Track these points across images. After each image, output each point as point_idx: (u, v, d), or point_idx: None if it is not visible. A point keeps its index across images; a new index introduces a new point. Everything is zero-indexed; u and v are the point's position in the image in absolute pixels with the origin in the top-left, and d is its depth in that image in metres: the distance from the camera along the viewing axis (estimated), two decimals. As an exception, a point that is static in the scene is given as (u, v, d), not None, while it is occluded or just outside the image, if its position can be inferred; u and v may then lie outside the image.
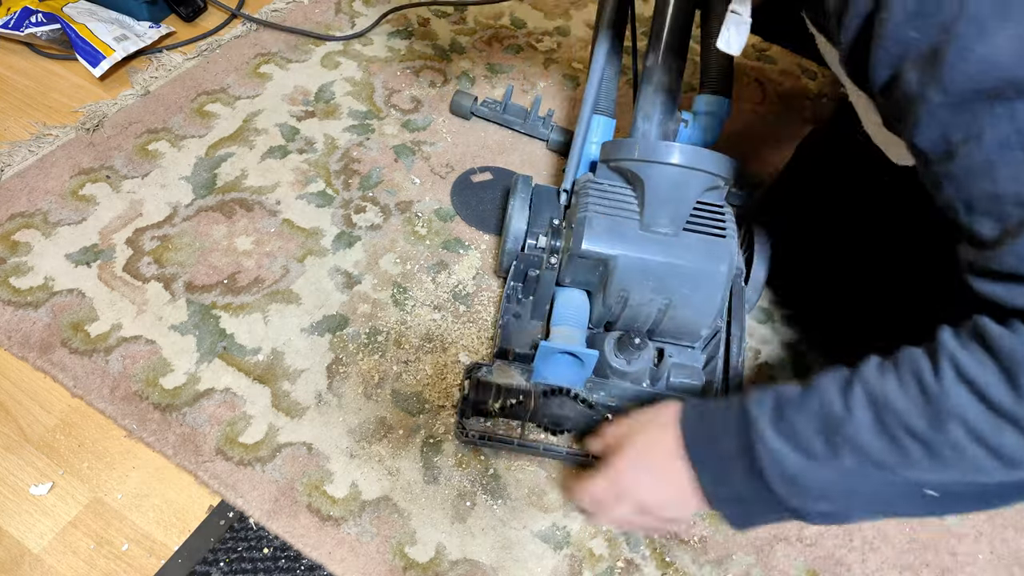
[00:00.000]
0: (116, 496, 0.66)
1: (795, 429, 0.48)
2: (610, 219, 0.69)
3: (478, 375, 0.69)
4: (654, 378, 0.72)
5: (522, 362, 0.71)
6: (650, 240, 0.68)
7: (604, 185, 0.72)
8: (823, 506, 0.48)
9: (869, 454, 0.45)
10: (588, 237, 0.68)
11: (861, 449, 0.45)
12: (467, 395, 0.68)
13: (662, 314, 0.69)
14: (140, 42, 1.01)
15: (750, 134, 1.09)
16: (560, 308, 0.74)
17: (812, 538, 0.70)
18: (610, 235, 0.68)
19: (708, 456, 0.52)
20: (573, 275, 0.72)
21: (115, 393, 0.70)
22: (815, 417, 0.47)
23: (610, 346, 0.71)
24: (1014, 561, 0.71)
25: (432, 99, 1.05)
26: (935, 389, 0.43)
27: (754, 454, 0.48)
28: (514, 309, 0.77)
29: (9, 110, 0.95)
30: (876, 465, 0.45)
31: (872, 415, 0.45)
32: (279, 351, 0.76)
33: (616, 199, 0.70)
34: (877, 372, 0.46)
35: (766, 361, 0.83)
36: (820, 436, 0.46)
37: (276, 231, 0.86)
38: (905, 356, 0.46)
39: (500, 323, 0.75)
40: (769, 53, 1.23)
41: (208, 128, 0.95)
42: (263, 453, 0.68)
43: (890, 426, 0.44)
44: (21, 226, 0.82)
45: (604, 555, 0.67)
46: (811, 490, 0.47)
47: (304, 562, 0.63)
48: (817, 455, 0.46)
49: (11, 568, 0.61)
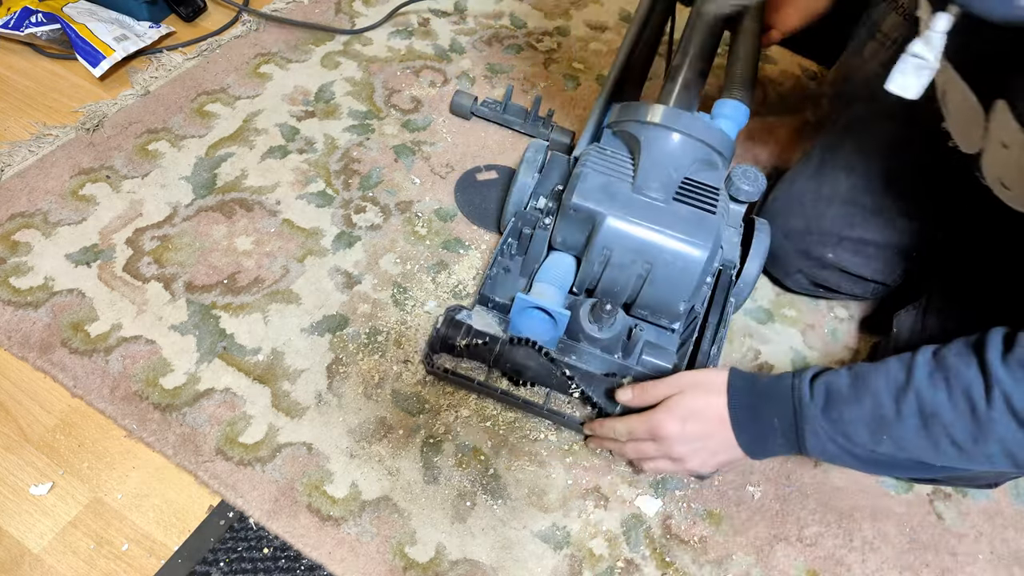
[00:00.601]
0: (116, 496, 0.66)
1: (844, 420, 0.56)
2: (604, 178, 0.71)
3: (454, 314, 0.71)
4: (626, 351, 0.73)
5: (501, 312, 0.74)
6: (640, 203, 0.69)
7: (606, 151, 0.74)
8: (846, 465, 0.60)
9: (907, 449, 0.54)
10: (580, 191, 0.70)
11: (901, 444, 0.54)
12: (439, 328, 0.70)
13: (641, 281, 0.70)
14: (140, 42, 1.01)
15: (750, 134, 1.09)
16: (546, 268, 0.76)
17: (812, 538, 0.70)
18: (601, 192, 0.70)
19: (753, 426, 0.61)
20: (564, 234, 0.73)
21: (115, 393, 0.70)
22: (866, 414, 0.55)
23: (584, 310, 0.72)
24: (1014, 561, 0.71)
25: (432, 99, 1.05)
26: (984, 415, 0.49)
27: (801, 435, 0.58)
28: (505, 263, 0.79)
29: (9, 110, 0.95)
30: (909, 455, 0.54)
31: (920, 422, 0.53)
32: (279, 351, 0.76)
33: (614, 162, 0.73)
34: (929, 383, 0.53)
35: (766, 361, 0.83)
36: (867, 430, 0.55)
37: (276, 231, 0.86)
38: (957, 371, 0.52)
39: (488, 272, 0.77)
40: (769, 53, 1.23)
41: (208, 128, 0.95)
42: (263, 453, 0.68)
43: (935, 433, 0.52)
44: (21, 226, 0.82)
45: (604, 555, 0.67)
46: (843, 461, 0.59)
47: (304, 562, 0.63)
48: (859, 444, 0.56)
49: (11, 568, 0.61)
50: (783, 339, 0.85)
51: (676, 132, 0.70)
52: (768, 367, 0.82)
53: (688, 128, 0.70)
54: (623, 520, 0.69)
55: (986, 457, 0.51)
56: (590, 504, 0.70)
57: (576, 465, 0.72)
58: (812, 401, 0.57)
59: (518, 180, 0.80)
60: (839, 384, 0.57)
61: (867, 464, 0.60)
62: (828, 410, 0.57)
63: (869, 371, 0.57)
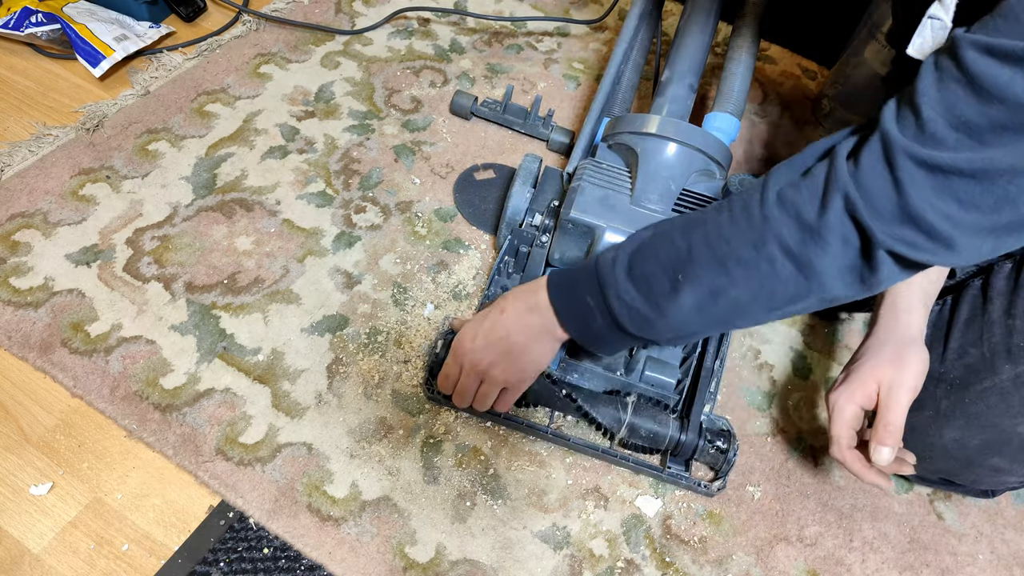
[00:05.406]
0: (116, 496, 0.66)
1: (645, 275, 0.54)
2: (602, 191, 0.71)
3: (452, 337, 0.70)
4: (628, 368, 0.72)
5: None
6: (639, 215, 0.69)
7: (602, 164, 0.74)
8: (669, 334, 0.56)
9: (701, 283, 0.52)
10: (578, 205, 0.69)
11: (695, 279, 0.52)
12: (438, 353, 0.70)
13: None
14: (140, 42, 1.01)
15: (750, 135, 1.09)
16: None
17: (812, 538, 0.70)
18: (600, 206, 0.70)
19: (571, 306, 0.59)
20: (562, 249, 0.73)
21: (115, 393, 0.70)
22: (663, 261, 0.53)
23: None
24: (1014, 561, 0.71)
25: (432, 99, 1.05)
26: (759, 216, 0.49)
27: (609, 304, 0.55)
28: (502, 282, 0.79)
29: (9, 110, 0.95)
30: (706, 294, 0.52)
31: (707, 248, 0.51)
32: (279, 351, 0.76)
33: (611, 175, 0.73)
34: (714, 210, 0.53)
35: (766, 361, 0.83)
36: (665, 277, 0.53)
37: (276, 231, 0.86)
38: (738, 196, 0.52)
39: (486, 292, 0.76)
40: (769, 53, 1.23)
41: (208, 128, 0.95)
42: (263, 453, 0.68)
43: (721, 254, 0.50)
44: (21, 226, 0.82)
45: (604, 555, 0.67)
46: (659, 328, 0.55)
47: (304, 562, 0.63)
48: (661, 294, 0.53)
49: (11, 568, 0.61)
50: (783, 339, 0.85)
51: (673, 142, 0.70)
52: (768, 367, 0.83)
53: (686, 138, 0.70)
54: (623, 520, 0.69)
55: (769, 262, 0.48)
56: (590, 504, 0.70)
57: (576, 465, 0.72)
58: (614, 268, 0.55)
59: (513, 198, 0.79)
60: (642, 242, 0.55)
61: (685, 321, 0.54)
62: (631, 271, 0.54)
63: (668, 221, 0.56)
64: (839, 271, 0.47)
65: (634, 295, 0.54)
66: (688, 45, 0.85)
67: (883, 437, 0.58)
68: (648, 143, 0.71)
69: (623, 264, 0.55)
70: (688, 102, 0.81)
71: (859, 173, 0.45)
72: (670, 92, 0.81)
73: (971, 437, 0.63)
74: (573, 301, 0.58)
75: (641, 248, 0.55)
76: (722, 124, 0.80)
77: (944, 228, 0.42)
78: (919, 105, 0.42)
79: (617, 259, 0.55)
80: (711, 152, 0.71)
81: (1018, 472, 0.65)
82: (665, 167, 0.70)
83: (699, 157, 0.71)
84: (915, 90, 0.43)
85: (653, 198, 0.70)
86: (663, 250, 0.53)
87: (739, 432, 0.76)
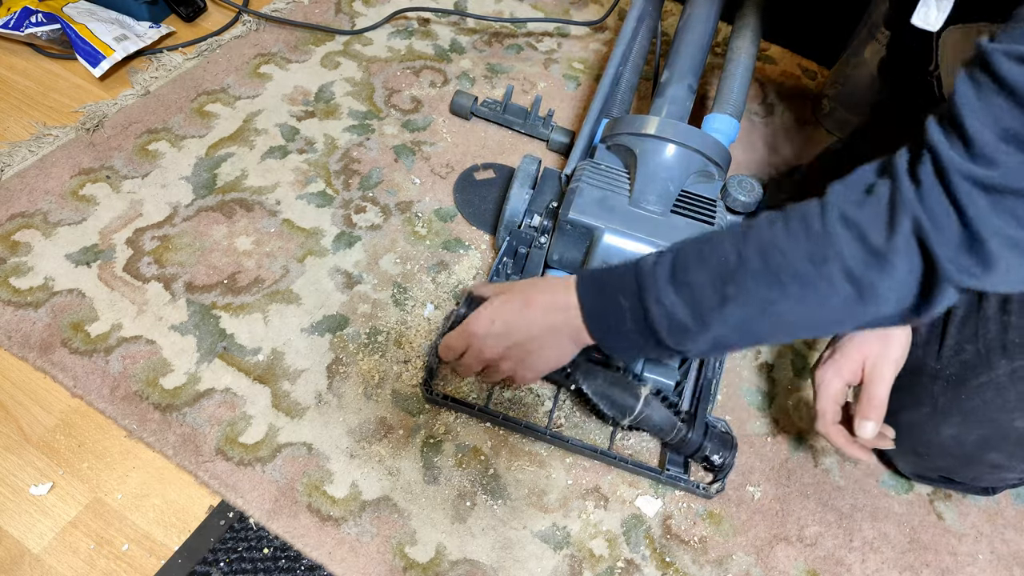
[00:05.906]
0: (116, 496, 0.66)
1: (691, 284, 0.51)
2: (601, 192, 0.71)
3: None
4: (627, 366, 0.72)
5: None
6: (637, 216, 0.69)
7: (601, 165, 0.74)
8: (705, 346, 0.52)
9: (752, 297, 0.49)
10: (576, 206, 0.69)
11: (745, 293, 0.49)
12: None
13: None
14: (140, 42, 1.01)
15: (750, 135, 1.09)
16: None
17: (812, 538, 0.70)
18: (599, 207, 0.70)
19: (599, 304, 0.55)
20: (561, 250, 0.73)
21: (115, 393, 0.70)
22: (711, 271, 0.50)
23: None
24: (1014, 561, 0.71)
25: (432, 99, 1.05)
26: (819, 231, 0.46)
27: (646, 308, 0.52)
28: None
29: (9, 110, 0.95)
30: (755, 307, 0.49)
31: (760, 260, 0.48)
32: (279, 351, 0.76)
33: (610, 176, 0.73)
34: (767, 222, 0.50)
35: (766, 361, 0.83)
36: (712, 288, 0.50)
37: (276, 231, 0.86)
38: (794, 207, 0.49)
39: None
40: (769, 53, 1.23)
41: (208, 128, 0.95)
42: (263, 453, 0.68)
43: (774, 266, 0.48)
44: (21, 226, 0.82)
45: (604, 555, 0.67)
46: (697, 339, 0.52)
47: (304, 562, 0.63)
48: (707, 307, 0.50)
49: (11, 568, 0.61)
50: (783, 339, 0.85)
51: (672, 143, 0.70)
52: (768, 366, 0.83)
53: (684, 139, 0.70)
54: (623, 520, 0.69)
55: (827, 281, 0.46)
56: (590, 504, 0.70)
57: (576, 465, 0.72)
58: (655, 270, 0.52)
59: (511, 199, 0.79)
60: (687, 250, 0.52)
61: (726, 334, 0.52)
62: (674, 276, 0.51)
63: (716, 233, 0.53)
64: (898, 297, 0.46)
65: (674, 300, 0.51)
66: (688, 46, 0.86)
67: (867, 411, 0.59)
68: (646, 144, 0.71)
69: (666, 267, 0.52)
70: (687, 103, 0.81)
71: (921, 193, 0.43)
72: (669, 93, 0.81)
73: (968, 433, 0.63)
74: (603, 300, 0.55)
75: (687, 253, 0.52)
76: (721, 125, 0.80)
77: (1004, 254, 0.41)
78: (962, 119, 0.41)
79: (659, 262, 0.52)
80: (710, 153, 0.71)
81: (1017, 468, 0.66)
82: (663, 168, 0.70)
83: (697, 158, 0.71)
84: (954, 104, 0.42)
85: (651, 199, 0.70)
86: (711, 257, 0.50)
87: (739, 432, 0.76)
